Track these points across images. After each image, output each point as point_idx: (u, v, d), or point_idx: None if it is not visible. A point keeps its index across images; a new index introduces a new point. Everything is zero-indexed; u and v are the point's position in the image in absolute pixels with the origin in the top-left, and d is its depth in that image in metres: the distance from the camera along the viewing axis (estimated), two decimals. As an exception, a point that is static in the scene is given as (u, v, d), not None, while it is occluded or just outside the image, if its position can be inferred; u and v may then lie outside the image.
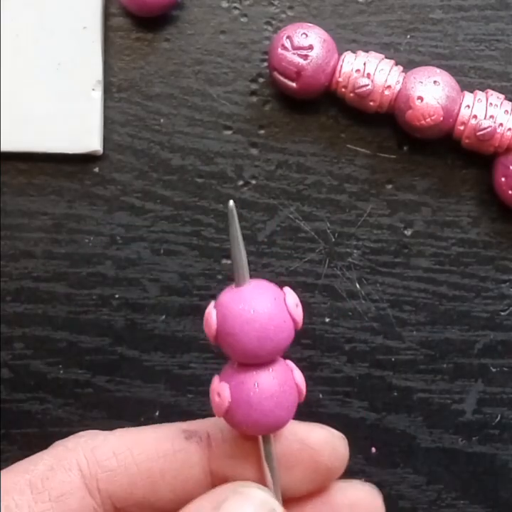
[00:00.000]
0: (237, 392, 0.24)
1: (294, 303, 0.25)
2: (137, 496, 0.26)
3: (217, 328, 0.24)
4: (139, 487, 0.26)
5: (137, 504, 0.26)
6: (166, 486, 0.26)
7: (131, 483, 0.26)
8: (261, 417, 0.24)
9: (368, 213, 0.32)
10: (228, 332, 0.24)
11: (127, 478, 0.26)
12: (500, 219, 0.32)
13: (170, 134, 0.32)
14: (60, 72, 0.31)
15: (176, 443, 0.26)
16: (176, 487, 0.26)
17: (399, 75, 0.30)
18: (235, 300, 0.24)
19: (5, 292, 0.32)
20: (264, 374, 0.24)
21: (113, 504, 0.26)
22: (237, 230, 0.24)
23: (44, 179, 0.32)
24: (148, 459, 0.26)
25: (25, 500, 0.24)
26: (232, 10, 0.32)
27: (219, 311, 0.25)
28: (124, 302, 0.32)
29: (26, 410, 0.32)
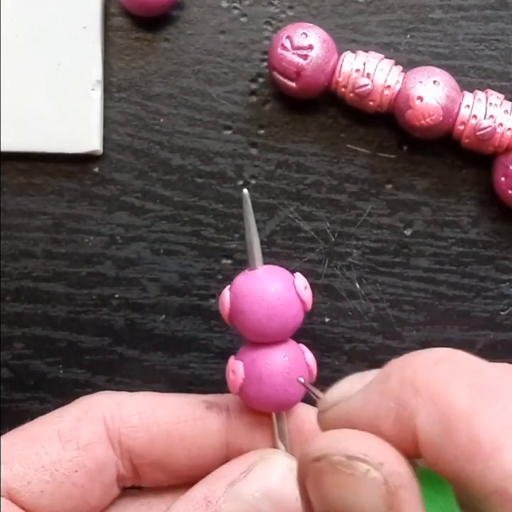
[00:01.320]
0: (250, 369, 0.26)
1: (303, 285, 0.26)
2: (155, 455, 0.27)
3: (230, 308, 0.26)
4: (157, 447, 0.27)
5: (153, 464, 0.27)
6: (183, 450, 0.27)
7: (150, 442, 0.27)
8: (272, 393, 0.26)
9: (368, 213, 0.32)
10: (239, 311, 0.26)
11: (148, 437, 0.27)
12: (500, 219, 0.32)
13: (170, 134, 0.32)
14: (60, 72, 0.31)
15: (197, 411, 0.27)
16: (192, 452, 0.27)
17: (399, 74, 0.30)
18: (246, 281, 0.26)
19: (5, 292, 0.32)
20: (275, 352, 0.26)
21: (131, 460, 0.27)
22: (251, 217, 0.25)
23: (44, 179, 0.32)
24: (169, 422, 0.27)
25: (54, 448, 0.26)
26: (232, 10, 0.32)
27: (232, 291, 0.26)
28: (124, 302, 0.32)
29: (26, 410, 0.32)
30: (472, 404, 0.17)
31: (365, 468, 0.17)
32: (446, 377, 0.17)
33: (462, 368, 0.18)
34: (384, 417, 0.18)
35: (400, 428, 0.18)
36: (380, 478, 0.17)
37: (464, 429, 0.16)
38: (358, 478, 0.17)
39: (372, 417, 0.18)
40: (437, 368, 0.18)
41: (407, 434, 0.18)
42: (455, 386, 0.17)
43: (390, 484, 0.17)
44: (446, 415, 0.17)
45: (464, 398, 0.17)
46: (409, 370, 0.18)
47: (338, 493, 0.18)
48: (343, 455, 0.17)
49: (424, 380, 0.17)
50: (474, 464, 0.16)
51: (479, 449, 0.16)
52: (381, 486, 0.17)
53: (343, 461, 0.17)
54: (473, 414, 0.17)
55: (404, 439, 0.18)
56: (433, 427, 0.17)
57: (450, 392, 0.17)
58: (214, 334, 0.32)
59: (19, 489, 0.25)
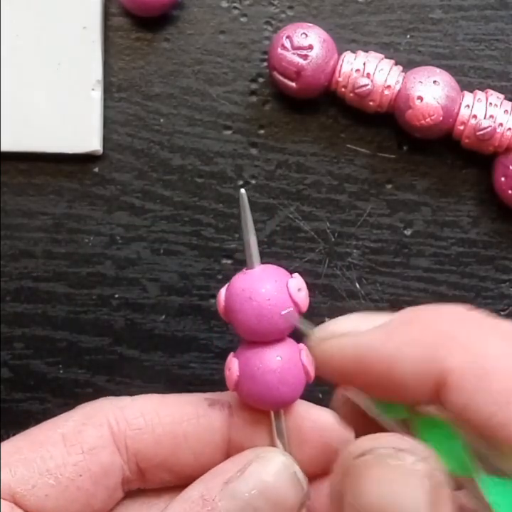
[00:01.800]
0: (244, 366, 0.26)
1: (297, 286, 0.26)
2: (160, 456, 0.27)
3: (225, 306, 0.26)
4: (163, 448, 0.27)
5: (159, 465, 0.27)
6: (188, 449, 0.27)
7: (156, 444, 0.27)
8: (265, 391, 0.26)
9: (368, 213, 0.32)
10: (232, 309, 0.26)
11: (153, 438, 0.27)
12: (500, 219, 0.32)
13: (170, 134, 0.32)
14: (60, 72, 0.31)
15: (200, 408, 0.27)
16: (196, 451, 0.27)
17: (399, 74, 0.30)
18: (240, 281, 0.26)
19: (5, 292, 0.32)
20: (269, 351, 0.26)
21: (137, 463, 0.27)
22: (248, 217, 0.25)
23: (44, 179, 0.32)
24: (173, 422, 0.27)
25: (59, 452, 0.26)
26: (232, 10, 0.32)
27: (228, 290, 0.26)
28: (124, 302, 0.32)
29: (26, 410, 0.32)
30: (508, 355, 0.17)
31: (413, 460, 0.17)
32: (481, 327, 0.18)
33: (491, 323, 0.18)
34: (405, 358, 0.18)
35: (422, 373, 0.18)
36: (426, 470, 0.17)
37: (499, 376, 0.17)
38: (406, 469, 0.17)
39: (390, 358, 0.18)
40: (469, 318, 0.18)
41: (429, 378, 0.18)
42: (490, 334, 0.18)
43: (434, 480, 0.17)
44: (481, 363, 0.17)
45: (499, 346, 0.17)
46: (439, 318, 0.18)
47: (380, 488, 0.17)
48: (390, 448, 0.17)
49: (456, 329, 0.18)
50: (507, 410, 0.16)
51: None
52: (426, 481, 0.17)
53: (391, 453, 0.17)
54: (509, 363, 0.17)
55: (424, 383, 0.18)
56: (467, 372, 0.17)
57: (485, 340, 0.17)
58: (214, 334, 0.32)
59: (24, 493, 0.25)
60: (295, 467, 0.25)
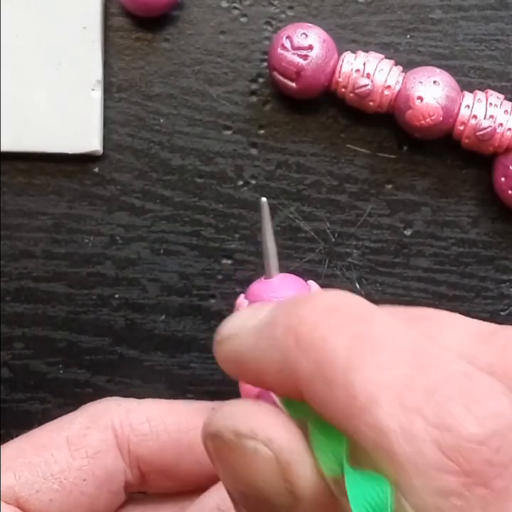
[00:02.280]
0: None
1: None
2: (164, 463, 0.27)
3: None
4: (167, 455, 0.27)
5: (162, 472, 0.27)
6: (192, 458, 0.27)
7: (160, 451, 0.27)
8: None
9: (368, 213, 0.32)
10: None
11: (157, 445, 0.27)
12: (500, 219, 0.32)
13: (170, 134, 0.32)
14: (60, 72, 0.31)
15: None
16: (201, 460, 0.27)
17: (399, 75, 0.30)
18: (267, 290, 0.26)
19: (5, 292, 0.32)
20: None
21: (139, 467, 0.27)
22: (268, 225, 0.26)
23: (44, 179, 0.32)
24: (179, 430, 0.27)
25: (63, 456, 0.26)
26: (232, 10, 0.32)
27: (251, 300, 0.26)
28: (124, 302, 0.32)
29: (26, 410, 0.32)
30: (351, 359, 0.16)
31: (254, 445, 0.17)
32: (330, 328, 0.17)
33: (349, 318, 0.17)
34: (268, 364, 0.17)
35: (284, 377, 0.17)
36: (269, 454, 0.17)
37: (340, 383, 0.16)
38: (249, 455, 0.17)
39: (257, 363, 0.18)
40: (323, 317, 0.17)
41: (291, 384, 0.17)
42: (337, 338, 0.16)
43: (281, 460, 0.17)
44: (326, 368, 0.16)
45: (343, 351, 0.16)
46: (294, 319, 0.17)
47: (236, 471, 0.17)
48: (233, 432, 0.17)
49: (306, 331, 0.17)
50: (352, 419, 0.16)
51: (356, 403, 0.16)
52: (272, 462, 0.17)
53: (232, 439, 0.17)
54: (351, 369, 0.16)
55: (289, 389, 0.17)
56: (314, 380, 0.16)
57: (331, 345, 0.16)
58: (214, 334, 0.32)
59: (28, 498, 0.25)
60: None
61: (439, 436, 0.15)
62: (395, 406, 0.15)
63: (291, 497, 0.17)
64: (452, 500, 0.15)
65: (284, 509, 0.17)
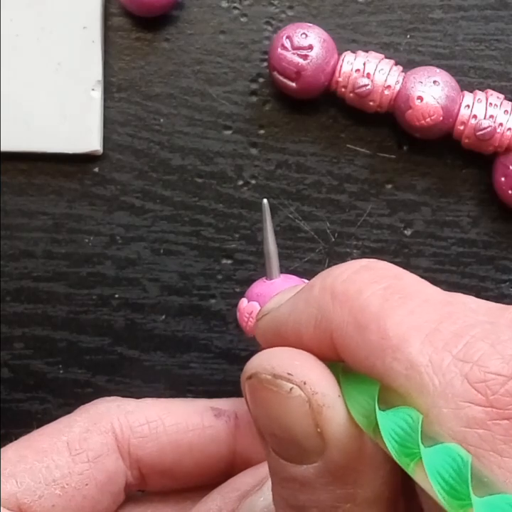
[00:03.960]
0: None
1: None
2: (163, 464, 0.27)
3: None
4: (167, 456, 0.27)
5: (162, 473, 0.27)
6: (192, 459, 0.27)
7: (160, 452, 0.27)
8: None
9: (368, 213, 0.32)
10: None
11: (157, 447, 0.27)
12: (500, 219, 0.32)
13: (170, 134, 0.32)
14: (60, 72, 0.31)
15: (206, 419, 0.27)
16: (200, 462, 0.27)
17: (399, 74, 0.30)
18: (271, 291, 0.26)
19: (5, 292, 0.32)
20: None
21: (140, 469, 0.27)
22: (270, 227, 0.26)
23: (44, 179, 0.32)
24: (178, 431, 0.27)
25: (64, 461, 0.26)
26: (232, 10, 0.32)
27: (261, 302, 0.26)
28: (124, 302, 0.32)
29: (26, 410, 0.32)
30: (383, 306, 0.17)
31: (289, 387, 0.18)
32: (364, 282, 0.18)
33: (380, 275, 0.18)
34: (306, 323, 0.19)
35: (320, 333, 0.18)
36: (303, 396, 0.18)
37: (374, 328, 0.17)
38: (283, 396, 0.18)
39: (296, 324, 0.19)
40: (356, 274, 0.18)
41: (326, 339, 0.18)
42: (371, 289, 0.18)
43: (314, 403, 0.17)
44: (359, 316, 0.17)
45: (376, 300, 0.18)
46: (330, 278, 0.19)
47: (269, 410, 0.18)
48: (270, 373, 0.18)
49: (341, 286, 0.18)
50: (383, 358, 0.17)
51: (387, 344, 0.17)
52: (305, 404, 0.17)
53: (269, 379, 0.18)
54: (383, 314, 0.17)
55: (324, 344, 0.18)
56: (347, 329, 0.18)
57: (364, 295, 0.18)
58: (214, 334, 0.32)
59: (30, 504, 0.25)
60: None
61: (468, 369, 0.16)
62: (425, 344, 0.17)
63: (321, 440, 0.18)
64: (476, 429, 0.16)
65: (313, 452, 0.18)
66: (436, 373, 0.16)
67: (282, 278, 0.27)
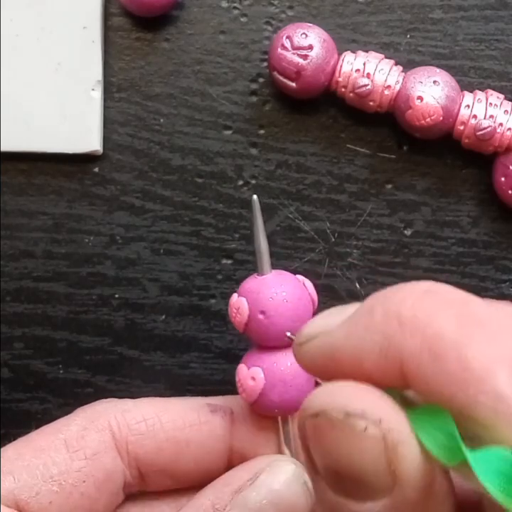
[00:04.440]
0: (271, 372, 0.26)
1: (311, 286, 0.27)
2: (162, 462, 0.27)
3: (250, 314, 0.26)
4: (164, 453, 0.27)
5: (160, 471, 0.27)
6: (190, 455, 0.27)
7: (157, 449, 0.27)
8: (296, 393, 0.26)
9: (368, 213, 0.32)
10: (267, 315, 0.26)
11: (155, 444, 0.27)
12: (500, 219, 0.32)
13: (170, 134, 0.32)
14: (60, 72, 0.31)
15: (202, 415, 0.27)
16: (198, 458, 0.27)
17: (399, 74, 0.30)
18: (265, 286, 0.26)
19: (5, 292, 0.32)
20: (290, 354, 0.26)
21: (138, 468, 0.27)
22: (260, 223, 0.26)
23: (44, 179, 0.32)
24: (175, 428, 0.27)
25: (62, 458, 0.26)
26: (232, 10, 0.32)
27: (249, 297, 0.26)
28: (124, 302, 0.32)
29: (26, 410, 0.32)
30: (461, 333, 0.17)
31: (364, 426, 0.17)
32: (433, 308, 0.17)
33: (448, 300, 0.18)
34: (368, 350, 0.18)
35: (386, 361, 0.17)
36: (378, 434, 0.17)
37: (454, 356, 0.16)
38: (357, 435, 0.17)
39: (355, 351, 0.18)
40: (423, 299, 0.18)
41: (393, 367, 0.17)
42: (442, 316, 0.17)
43: (389, 441, 0.17)
44: (435, 344, 0.17)
45: (452, 327, 0.17)
46: (393, 303, 0.18)
47: (337, 448, 0.17)
48: (341, 412, 0.17)
49: (409, 312, 0.17)
50: (467, 389, 0.16)
51: (471, 375, 0.16)
52: (380, 443, 0.17)
53: (341, 419, 0.17)
54: (462, 342, 0.17)
55: (390, 372, 0.17)
56: (421, 357, 0.17)
57: (438, 322, 0.17)
58: (214, 334, 0.32)
59: (28, 500, 0.25)
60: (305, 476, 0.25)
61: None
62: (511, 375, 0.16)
63: (391, 479, 0.17)
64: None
65: (382, 489, 0.17)
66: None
67: (273, 274, 0.27)
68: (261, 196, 0.32)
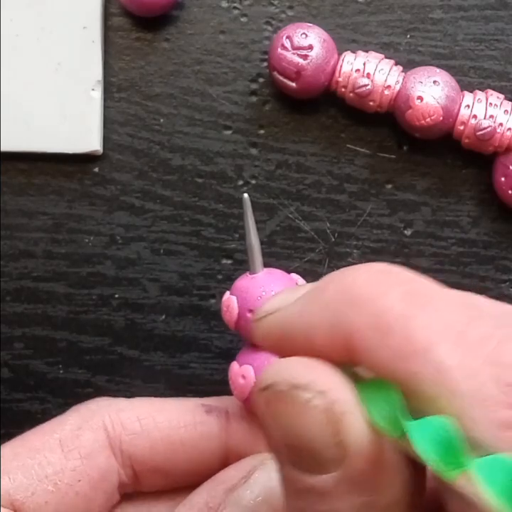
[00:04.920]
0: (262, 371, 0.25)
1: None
2: (156, 461, 0.27)
3: (239, 312, 0.26)
4: (159, 453, 0.27)
5: (154, 470, 0.27)
6: (184, 455, 0.27)
7: (152, 448, 0.27)
8: None
9: (368, 213, 0.32)
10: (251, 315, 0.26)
11: (149, 443, 0.27)
12: (500, 219, 0.32)
13: (170, 134, 0.32)
14: (60, 72, 0.31)
15: (197, 415, 0.28)
16: (192, 458, 0.27)
17: (399, 74, 0.30)
18: (255, 285, 0.26)
19: (5, 292, 0.32)
20: None
21: (132, 467, 0.27)
22: (251, 221, 0.26)
23: (44, 179, 0.32)
24: (170, 427, 0.27)
25: (56, 458, 0.26)
26: (232, 10, 0.32)
27: (239, 296, 0.26)
28: (124, 302, 0.32)
29: (26, 410, 0.32)
30: (407, 308, 0.17)
31: (308, 397, 0.17)
32: (383, 286, 0.18)
33: (399, 279, 0.18)
34: (319, 326, 0.18)
35: (335, 337, 0.18)
36: (322, 405, 0.17)
37: (398, 330, 0.17)
38: (301, 406, 0.17)
39: (307, 327, 0.18)
40: (374, 278, 0.18)
41: (341, 343, 0.18)
42: (391, 293, 0.17)
43: (334, 411, 0.17)
44: (381, 319, 0.17)
45: (399, 303, 0.17)
46: (345, 280, 0.18)
47: (286, 421, 0.18)
48: (287, 384, 0.17)
49: (359, 289, 0.18)
50: (409, 361, 0.16)
51: (413, 347, 0.16)
52: (324, 413, 0.17)
53: (285, 391, 0.17)
54: (407, 316, 0.17)
55: (339, 349, 0.18)
56: (368, 332, 0.17)
57: (385, 299, 0.17)
58: (214, 334, 0.32)
59: (23, 500, 0.25)
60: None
61: (498, 372, 0.16)
62: (454, 347, 0.16)
63: (340, 449, 0.17)
64: (509, 432, 0.16)
65: (332, 461, 0.17)
66: (467, 376, 0.16)
67: (265, 272, 0.27)
68: (261, 196, 0.32)
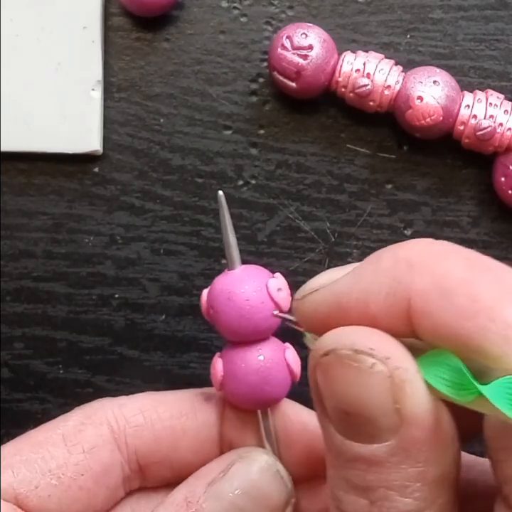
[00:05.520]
0: (228, 367, 0.27)
1: (276, 286, 0.26)
2: (160, 452, 0.27)
3: (207, 306, 0.26)
4: (163, 444, 0.27)
5: (160, 462, 0.27)
6: (187, 444, 0.27)
7: (156, 439, 0.27)
8: (248, 391, 0.26)
9: (368, 213, 0.32)
10: (214, 310, 0.26)
11: (153, 434, 0.27)
12: (500, 219, 0.32)
13: (170, 134, 0.32)
14: (60, 72, 0.31)
15: (197, 403, 0.28)
16: (195, 446, 0.27)
17: (399, 74, 0.30)
18: (220, 282, 0.26)
19: (5, 292, 0.32)
20: (251, 351, 0.26)
21: (138, 461, 0.27)
22: (227, 218, 0.26)
23: (44, 179, 0.32)
24: (172, 417, 0.27)
25: (60, 452, 0.26)
26: (232, 10, 0.32)
27: (210, 290, 0.27)
28: (124, 302, 0.32)
29: (26, 410, 0.32)
30: (469, 272, 0.17)
31: (372, 362, 0.17)
32: (441, 253, 0.18)
33: (454, 248, 0.18)
34: (376, 292, 0.18)
35: (393, 303, 0.18)
36: (385, 371, 0.17)
37: (462, 291, 0.17)
38: (365, 371, 0.17)
39: (362, 294, 0.18)
40: (431, 246, 0.18)
41: (400, 308, 0.18)
42: (451, 258, 0.18)
43: (396, 378, 0.17)
44: (444, 281, 0.17)
45: (461, 267, 0.17)
46: (402, 250, 0.18)
47: (346, 386, 0.18)
48: (350, 349, 0.18)
49: (419, 257, 0.18)
50: (476, 320, 0.17)
51: (479, 305, 0.17)
52: (387, 380, 0.17)
53: (350, 355, 0.18)
54: (470, 278, 0.17)
55: (397, 315, 0.18)
56: (430, 294, 0.17)
57: (446, 263, 0.18)
58: (214, 334, 0.32)
59: (27, 494, 0.25)
60: (278, 465, 0.26)
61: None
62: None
63: (397, 418, 0.17)
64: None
65: (387, 430, 0.17)
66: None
67: (242, 268, 0.27)
68: (261, 196, 0.32)
